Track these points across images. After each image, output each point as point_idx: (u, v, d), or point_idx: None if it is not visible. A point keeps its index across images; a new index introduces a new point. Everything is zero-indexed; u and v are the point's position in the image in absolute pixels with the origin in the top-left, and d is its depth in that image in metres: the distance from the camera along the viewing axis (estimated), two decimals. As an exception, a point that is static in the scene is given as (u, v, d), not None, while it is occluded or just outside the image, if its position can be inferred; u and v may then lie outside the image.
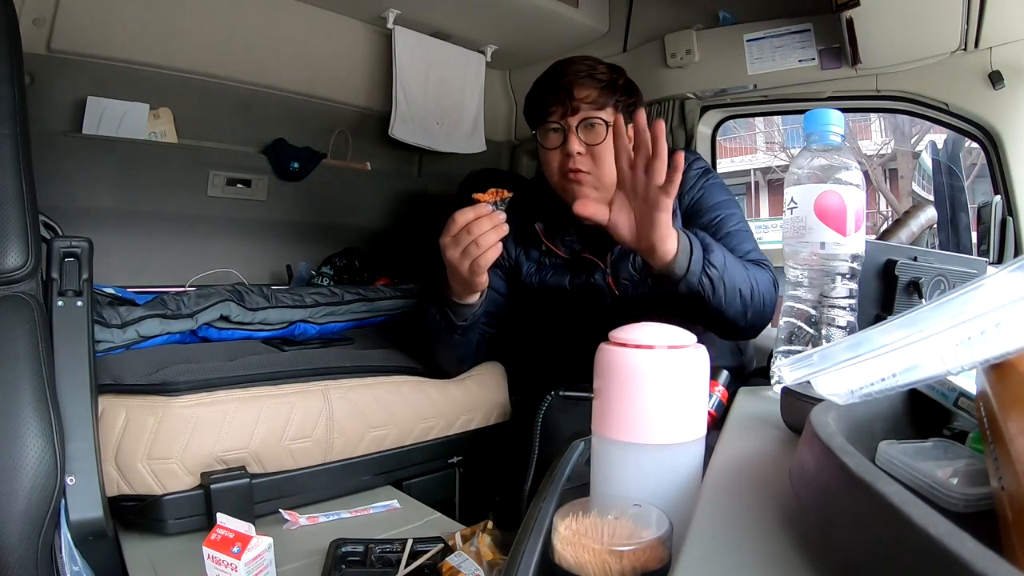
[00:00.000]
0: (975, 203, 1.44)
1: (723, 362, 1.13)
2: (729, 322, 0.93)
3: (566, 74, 1.05)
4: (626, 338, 0.49)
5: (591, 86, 1.04)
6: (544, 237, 1.14)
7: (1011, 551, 0.25)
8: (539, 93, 1.08)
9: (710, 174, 1.14)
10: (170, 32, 1.52)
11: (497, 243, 0.92)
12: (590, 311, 1.11)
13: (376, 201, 1.99)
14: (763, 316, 0.96)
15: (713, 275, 0.87)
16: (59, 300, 0.91)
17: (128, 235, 1.54)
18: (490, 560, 0.82)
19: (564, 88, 1.03)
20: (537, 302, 1.17)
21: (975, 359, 0.33)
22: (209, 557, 0.74)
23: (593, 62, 1.07)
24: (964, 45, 1.26)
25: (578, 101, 1.03)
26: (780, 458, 0.47)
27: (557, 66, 1.08)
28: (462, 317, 1.05)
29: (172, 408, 0.95)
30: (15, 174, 0.86)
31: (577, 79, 1.04)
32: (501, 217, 0.92)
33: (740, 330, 0.96)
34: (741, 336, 1.00)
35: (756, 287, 0.94)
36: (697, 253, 0.87)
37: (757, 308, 0.94)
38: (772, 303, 0.97)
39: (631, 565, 0.40)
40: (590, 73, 1.04)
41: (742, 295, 0.91)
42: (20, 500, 0.76)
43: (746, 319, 0.94)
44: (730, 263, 0.90)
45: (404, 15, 1.71)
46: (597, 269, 1.10)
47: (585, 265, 1.11)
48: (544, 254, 1.15)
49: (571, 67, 1.06)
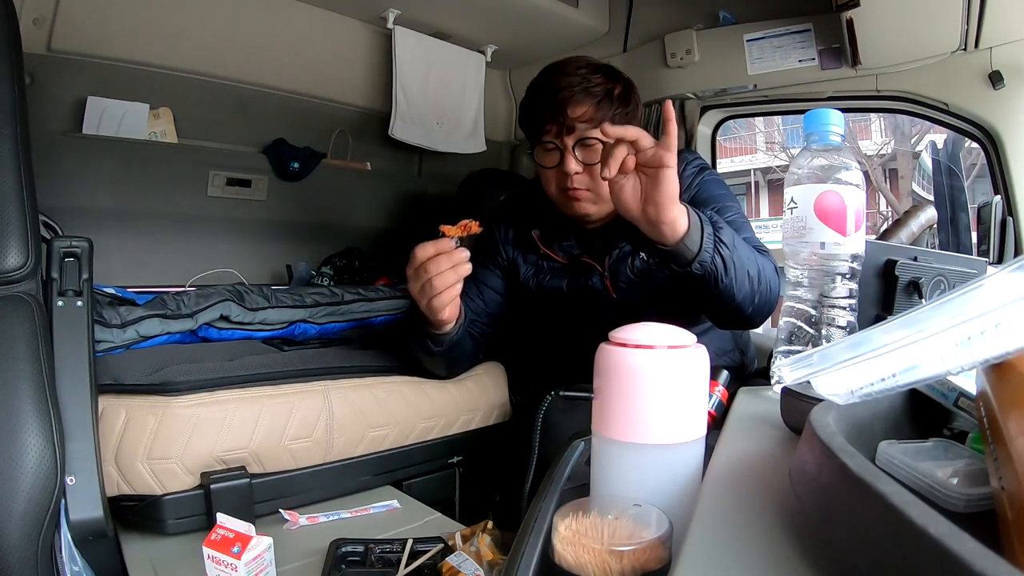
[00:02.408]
0: (975, 203, 1.44)
1: (724, 362, 1.13)
2: (738, 307, 0.88)
3: (560, 88, 1.00)
4: (626, 338, 0.49)
5: (586, 102, 0.99)
6: (541, 243, 1.12)
7: (1011, 551, 0.25)
8: (533, 107, 1.04)
9: (706, 170, 1.12)
10: (170, 32, 1.52)
11: (455, 284, 0.89)
12: (588, 313, 1.10)
13: (376, 201, 1.99)
14: (768, 302, 0.93)
15: (725, 254, 0.83)
16: (59, 300, 0.91)
17: (128, 235, 1.54)
18: (490, 560, 0.82)
19: (558, 105, 0.99)
20: (535, 304, 1.17)
21: (975, 359, 0.33)
22: (209, 557, 0.74)
23: (587, 71, 1.01)
24: (964, 45, 1.26)
25: (573, 120, 0.99)
26: (780, 458, 0.47)
27: (550, 77, 1.03)
28: (439, 344, 1.03)
29: (172, 408, 0.95)
30: (15, 174, 0.86)
31: (572, 96, 0.99)
32: (463, 256, 0.88)
33: (746, 317, 0.92)
34: (746, 324, 0.96)
35: (762, 270, 0.91)
36: (708, 230, 0.83)
37: (763, 293, 0.90)
38: (776, 290, 0.93)
39: (631, 565, 0.40)
40: (584, 87, 0.99)
41: (750, 276, 0.87)
42: (20, 500, 0.76)
43: (754, 303, 0.90)
44: (738, 244, 0.87)
45: (404, 15, 1.71)
46: (595, 272, 1.09)
47: (583, 269, 1.10)
48: (541, 258, 1.14)
49: (564, 79, 1.00)
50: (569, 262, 1.11)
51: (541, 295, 1.14)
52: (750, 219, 1.12)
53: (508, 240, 1.17)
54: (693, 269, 0.82)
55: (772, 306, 0.94)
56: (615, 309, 1.08)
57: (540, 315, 1.19)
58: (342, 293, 1.33)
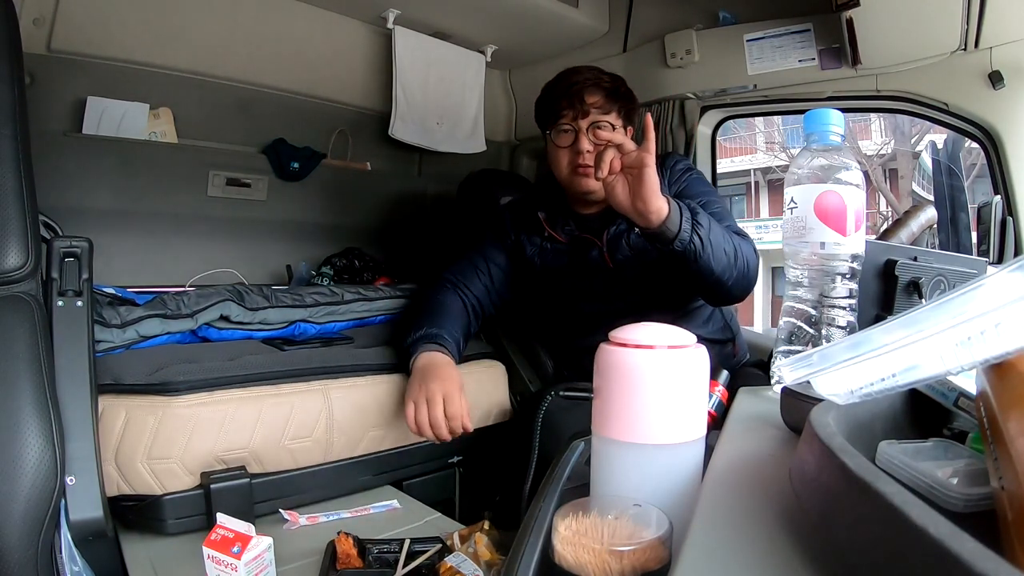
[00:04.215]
0: (975, 203, 1.44)
1: (710, 334, 1.24)
2: (717, 279, 1.02)
3: (576, 82, 1.18)
4: (626, 338, 0.49)
5: (599, 93, 1.18)
6: (546, 224, 1.26)
7: (1011, 551, 0.25)
8: (551, 97, 1.21)
9: (692, 171, 1.28)
10: (170, 32, 1.52)
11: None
12: (587, 286, 1.23)
13: (376, 201, 1.99)
14: (747, 278, 1.07)
15: (701, 233, 0.98)
16: (59, 300, 0.91)
17: (128, 235, 1.54)
18: (488, 560, 0.82)
19: (576, 94, 1.17)
20: (539, 280, 1.29)
21: (975, 359, 0.33)
22: (209, 557, 0.74)
23: (597, 72, 1.21)
24: (964, 45, 1.26)
25: (588, 105, 1.16)
26: (780, 458, 0.47)
27: (566, 74, 1.21)
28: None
29: (172, 408, 0.95)
30: (15, 174, 0.86)
31: (586, 86, 1.17)
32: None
33: (727, 289, 1.06)
34: (728, 296, 1.10)
35: (739, 250, 1.05)
36: (687, 214, 0.99)
37: (741, 269, 1.05)
38: (755, 268, 1.09)
39: (631, 565, 0.40)
40: (597, 82, 1.18)
41: (727, 254, 1.02)
42: (20, 500, 0.76)
43: (733, 278, 1.04)
44: (714, 226, 1.01)
45: (404, 15, 1.71)
46: (594, 247, 1.22)
47: (583, 245, 1.23)
48: (545, 240, 1.27)
49: (579, 75, 1.19)
50: (569, 242, 1.24)
51: (544, 271, 1.28)
52: (750, 219, 1.23)
53: (515, 223, 1.31)
54: (675, 247, 0.97)
55: (751, 281, 1.09)
56: (612, 280, 1.21)
57: (543, 292, 1.30)
58: (342, 293, 1.33)
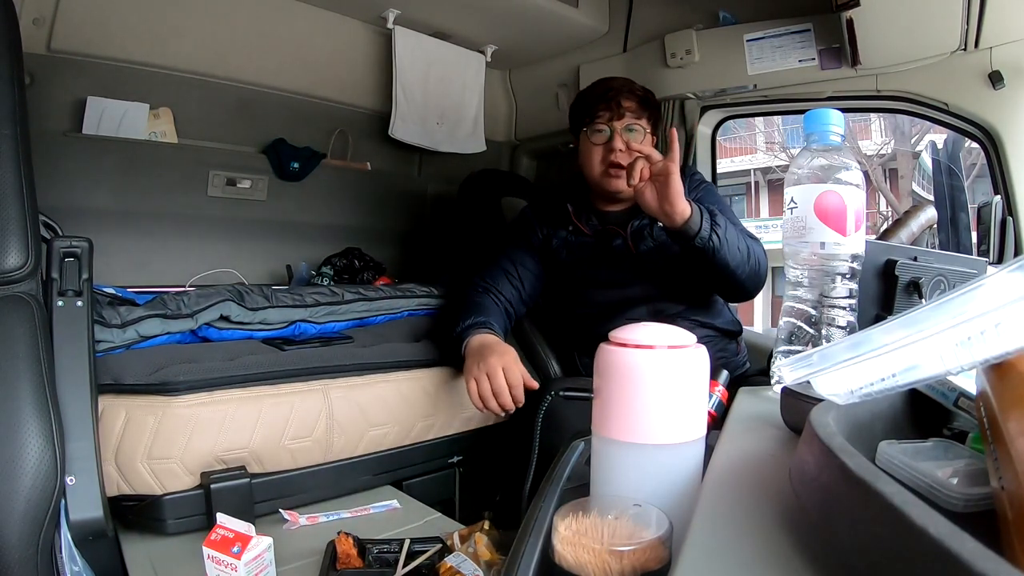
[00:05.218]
0: (975, 203, 1.44)
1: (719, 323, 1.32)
2: (732, 274, 1.13)
3: (613, 87, 1.30)
4: (626, 338, 0.49)
5: (633, 99, 1.30)
6: (573, 216, 1.35)
7: (1011, 551, 0.25)
8: (587, 101, 1.32)
9: (706, 184, 1.39)
10: (170, 32, 1.52)
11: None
12: (610, 272, 1.32)
13: (376, 201, 1.99)
14: (758, 275, 1.19)
15: (719, 232, 1.09)
16: (59, 300, 0.91)
17: (128, 235, 1.54)
18: (488, 560, 0.82)
19: (612, 98, 1.29)
20: (565, 270, 1.37)
21: (975, 359, 0.33)
22: (209, 557, 0.74)
23: (631, 82, 1.33)
24: (964, 45, 1.26)
25: (624, 109, 1.28)
26: (780, 458, 0.47)
27: (602, 81, 1.34)
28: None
29: (172, 408, 0.94)
30: (15, 174, 0.86)
31: (622, 92, 1.29)
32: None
33: (739, 282, 1.17)
34: (743, 292, 1.21)
35: (751, 249, 1.16)
36: (706, 216, 1.10)
37: (753, 266, 1.16)
38: (765, 266, 1.21)
39: (631, 565, 0.40)
40: (631, 90, 1.31)
41: (740, 251, 1.13)
42: (20, 500, 0.76)
43: (745, 273, 1.15)
44: (729, 227, 1.12)
45: (404, 15, 1.71)
46: (618, 236, 1.31)
47: (608, 236, 1.33)
48: (571, 233, 1.36)
49: (615, 82, 1.32)
50: (594, 235, 1.34)
51: (570, 261, 1.36)
52: (750, 219, 1.28)
53: (540, 219, 1.40)
54: (696, 243, 1.08)
55: (762, 278, 1.21)
56: (635, 266, 1.30)
57: (566, 281, 1.38)
58: (342, 292, 1.33)
